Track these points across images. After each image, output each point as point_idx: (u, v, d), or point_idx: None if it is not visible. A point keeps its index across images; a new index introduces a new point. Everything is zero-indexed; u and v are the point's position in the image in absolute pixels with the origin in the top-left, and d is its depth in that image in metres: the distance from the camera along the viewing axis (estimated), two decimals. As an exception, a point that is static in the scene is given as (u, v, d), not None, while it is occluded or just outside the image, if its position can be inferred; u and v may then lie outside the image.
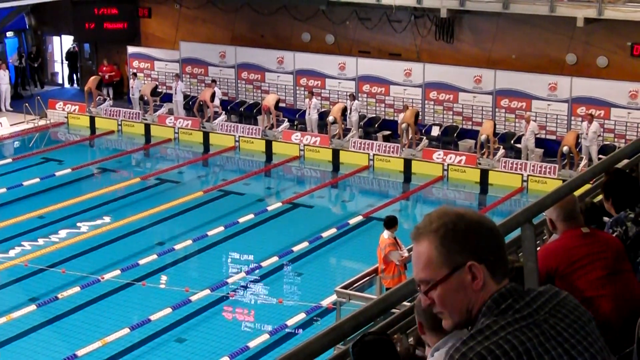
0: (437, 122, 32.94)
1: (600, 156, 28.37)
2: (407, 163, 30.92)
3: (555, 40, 31.42)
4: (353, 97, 33.54)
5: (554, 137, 30.98)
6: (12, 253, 23.62)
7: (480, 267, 2.92)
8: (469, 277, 2.93)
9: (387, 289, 17.63)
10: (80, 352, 18.10)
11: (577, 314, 2.93)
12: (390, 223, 18.09)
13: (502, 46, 32.48)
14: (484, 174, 29.73)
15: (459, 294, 2.96)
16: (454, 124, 32.76)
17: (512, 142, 31.03)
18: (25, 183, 29.44)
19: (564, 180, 24.77)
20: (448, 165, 30.24)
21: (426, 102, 33.27)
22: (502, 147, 30.76)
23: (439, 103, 33.07)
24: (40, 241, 24.56)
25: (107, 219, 26.36)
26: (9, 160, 32.39)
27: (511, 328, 2.80)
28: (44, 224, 25.93)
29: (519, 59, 32.16)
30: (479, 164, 29.96)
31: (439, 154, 30.66)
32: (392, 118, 33.57)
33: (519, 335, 2.79)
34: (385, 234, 17.93)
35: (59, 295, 20.69)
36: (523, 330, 2.80)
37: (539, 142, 30.45)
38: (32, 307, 20.28)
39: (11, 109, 38.50)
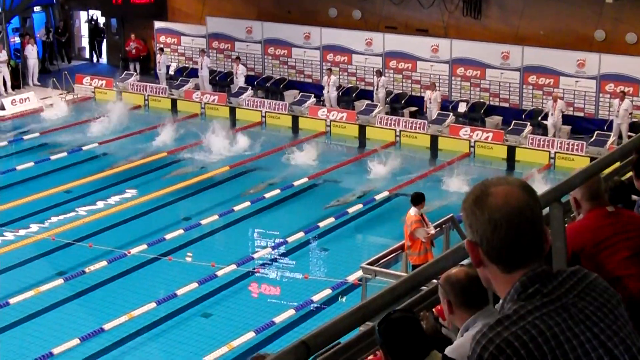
0: (464, 99, 32.81)
1: (630, 134, 28.18)
2: (434, 139, 30.84)
3: (583, 16, 31.18)
4: (380, 74, 33.44)
5: (581, 114, 30.81)
6: (39, 227, 23.74)
7: (477, 248, 2.93)
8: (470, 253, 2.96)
9: (413, 266, 17.63)
10: (106, 326, 18.19)
11: (606, 296, 2.89)
12: (417, 200, 18.05)
13: (530, 22, 32.25)
14: (511, 150, 29.60)
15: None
16: (481, 100, 32.61)
17: (539, 119, 30.86)
18: (53, 157, 29.58)
19: (592, 158, 24.71)
20: (475, 141, 30.12)
21: (453, 78, 33.14)
22: (529, 123, 30.59)
23: (466, 79, 32.92)
24: (67, 215, 24.68)
25: (134, 194, 26.46)
26: (37, 134, 32.51)
27: (538, 313, 2.77)
28: (70, 198, 26.06)
29: (547, 35, 31.93)
30: (506, 140, 29.84)
31: (466, 131, 30.55)
32: (418, 94, 33.47)
33: (546, 319, 2.75)
34: (412, 210, 17.90)
35: (86, 270, 20.79)
36: (551, 314, 2.77)
37: (567, 119, 30.29)
38: (60, 280, 20.40)
39: (39, 84, 38.64)
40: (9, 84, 36.92)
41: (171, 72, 38.42)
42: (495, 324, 2.78)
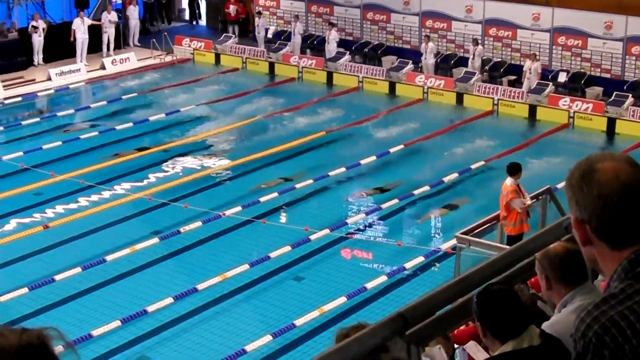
0: (565, 68, 32.29)
1: None
2: (532, 109, 30.45)
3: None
4: (476, 42, 33.12)
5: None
6: (137, 186, 24.05)
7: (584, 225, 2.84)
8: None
9: (508, 237, 17.47)
10: (200, 286, 18.36)
11: None
12: (514, 170, 17.84)
13: (636, -9, 31.55)
14: (611, 122, 29.07)
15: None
16: (582, 70, 32.06)
17: (642, 90, 30.27)
18: (152, 118, 29.91)
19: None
20: (574, 112, 29.65)
21: (554, 47, 32.62)
22: (631, 95, 29.98)
23: (567, 49, 32.38)
24: (164, 175, 24.97)
25: (229, 156, 26.64)
26: (135, 94, 32.89)
27: (647, 292, 2.69)
28: (167, 157, 26.36)
29: (653, 5, 31.22)
30: (607, 112, 29.31)
31: (565, 101, 30.08)
32: (518, 63, 33.04)
33: (655, 299, 2.67)
34: (508, 180, 17.71)
35: (181, 230, 21.01)
36: (660, 294, 2.69)
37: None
38: (155, 240, 20.64)
39: (139, 45, 39.04)
40: (112, 45, 37.38)
41: (269, 35, 38.52)
42: (601, 301, 2.71)
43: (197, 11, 44.16)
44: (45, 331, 2.33)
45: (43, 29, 35.66)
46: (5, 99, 32.09)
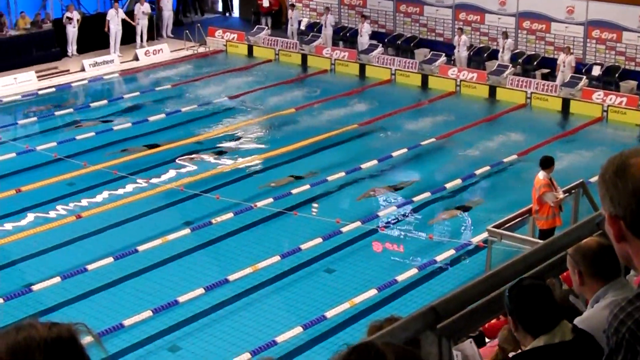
0: (599, 62, 32.08)
1: None
2: (566, 102, 30.28)
3: None
4: (506, 36, 33.01)
5: None
6: (168, 176, 24.14)
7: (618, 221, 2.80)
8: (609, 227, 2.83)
9: (540, 231, 17.40)
10: (231, 277, 18.41)
11: None
12: (547, 163, 17.75)
13: (672, -16, 31.29)
14: (646, 116, 28.90)
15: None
16: (616, 63, 31.85)
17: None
18: (184, 109, 30.00)
19: None
20: (608, 106, 29.46)
21: (588, 40, 32.42)
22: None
23: (602, 42, 32.17)
24: (196, 166, 25.04)
25: (261, 147, 26.68)
26: (168, 86, 32.99)
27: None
28: (199, 149, 26.43)
29: (689, -2, 30.96)
30: (641, 106, 29.15)
31: (599, 95, 29.90)
32: (551, 56, 32.87)
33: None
34: (541, 174, 17.62)
35: (213, 221, 21.07)
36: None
37: None
38: (187, 230, 20.72)
39: (172, 36, 39.15)
40: (145, 36, 37.50)
41: (302, 27, 38.52)
42: (635, 297, 2.69)
43: (230, 3, 44.24)
44: (74, 326, 2.35)
45: (77, 20, 35.85)
46: (40, 89, 32.27)
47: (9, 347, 2.25)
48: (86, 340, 2.39)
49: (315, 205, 22.63)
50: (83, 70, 34.35)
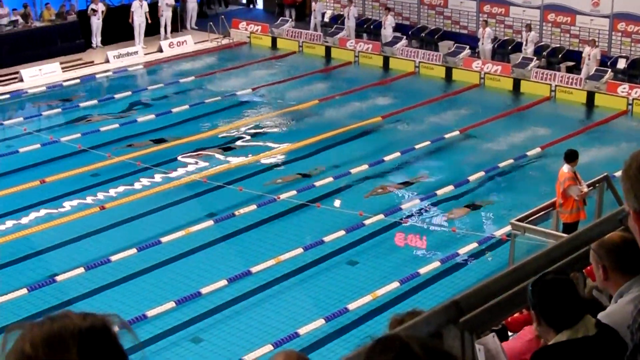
0: (624, 55, 31.89)
1: None
2: (590, 96, 30.13)
3: None
4: (529, 28, 32.87)
5: None
6: (191, 168, 24.19)
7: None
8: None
9: (564, 224, 17.32)
10: (254, 269, 18.45)
11: None
12: (571, 157, 17.67)
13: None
14: (672, 110, 28.73)
15: None
16: (642, 57, 31.68)
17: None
18: (207, 101, 30.04)
19: None
20: (633, 99, 29.29)
21: (613, 33, 32.24)
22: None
23: (627, 35, 31.98)
24: (219, 158, 25.07)
25: (284, 140, 26.67)
26: (192, 78, 33.04)
27: None
28: (222, 140, 26.47)
29: None
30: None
31: (624, 88, 29.74)
32: (576, 49, 32.71)
33: None
34: (565, 167, 17.54)
35: (236, 213, 21.11)
36: None
37: None
38: (210, 222, 20.76)
39: (196, 28, 39.20)
40: (169, 27, 37.56)
41: (326, 19, 38.48)
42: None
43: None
44: (108, 317, 2.37)
45: (102, 12, 35.94)
46: (64, 80, 32.39)
47: (44, 337, 2.27)
48: (116, 329, 2.40)
49: (338, 197, 22.61)
50: (107, 61, 34.45)
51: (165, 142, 25.92)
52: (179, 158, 24.88)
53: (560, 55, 32.94)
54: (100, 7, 35.93)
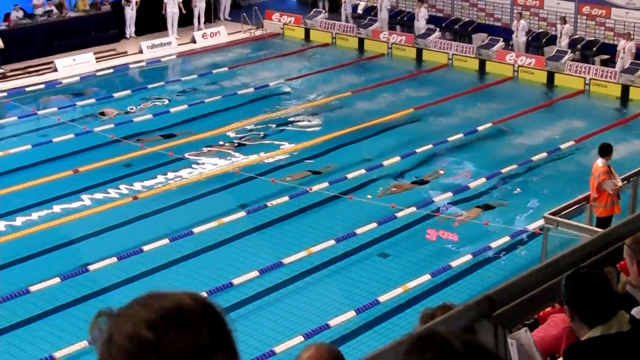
0: (660, 48, 31.67)
1: None
2: (625, 89, 29.92)
3: None
4: (564, 20, 32.66)
5: None
6: (225, 160, 24.23)
7: None
8: None
9: (598, 218, 17.23)
10: (285, 260, 18.47)
11: None
12: (606, 150, 17.56)
13: None
14: None
15: None
16: (678, 50, 31.42)
17: None
18: (240, 92, 30.07)
19: None
20: (668, 93, 29.11)
21: (649, 26, 32.02)
22: None
23: (663, 28, 31.75)
24: (252, 149, 25.08)
25: (316, 131, 26.67)
26: (225, 69, 33.10)
27: None
28: (254, 132, 26.47)
29: None
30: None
31: (660, 81, 29.55)
32: (611, 42, 32.48)
33: None
34: (600, 161, 17.44)
35: (268, 204, 21.13)
36: None
37: None
38: (242, 213, 20.80)
39: (229, 19, 39.24)
40: (202, 18, 37.63)
41: (359, 11, 38.42)
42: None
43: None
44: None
45: (136, 2, 36.05)
46: (98, 71, 32.54)
47: (163, 316, 2.20)
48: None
49: (370, 189, 22.57)
50: (141, 52, 34.56)
51: (197, 133, 25.96)
52: (212, 149, 24.91)
53: (594, 48, 32.73)
54: (134, -2, 36.07)
